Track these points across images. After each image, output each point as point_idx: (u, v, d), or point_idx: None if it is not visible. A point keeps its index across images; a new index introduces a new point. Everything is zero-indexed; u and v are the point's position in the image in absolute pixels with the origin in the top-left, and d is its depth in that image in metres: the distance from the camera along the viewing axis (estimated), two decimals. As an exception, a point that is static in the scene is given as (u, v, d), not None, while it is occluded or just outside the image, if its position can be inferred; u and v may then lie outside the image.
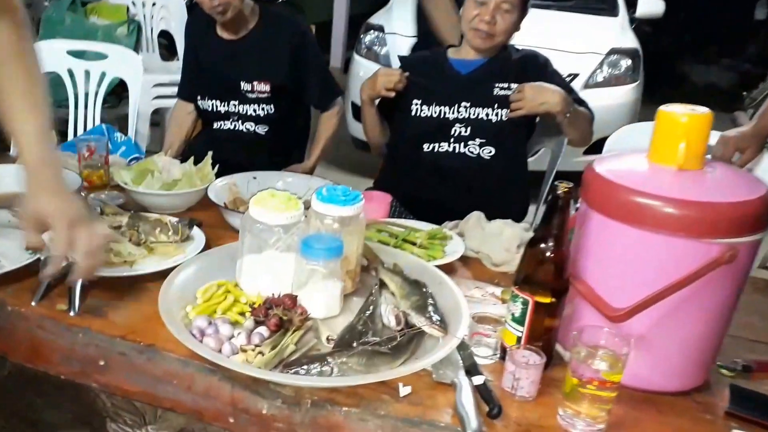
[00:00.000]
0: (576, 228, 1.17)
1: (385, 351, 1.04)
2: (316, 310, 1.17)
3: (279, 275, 1.21)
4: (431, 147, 1.89)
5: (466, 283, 1.41)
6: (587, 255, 1.13)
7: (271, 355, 1.03)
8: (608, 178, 1.09)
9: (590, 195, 1.13)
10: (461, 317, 1.14)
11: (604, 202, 1.09)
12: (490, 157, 1.86)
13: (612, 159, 1.19)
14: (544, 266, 1.08)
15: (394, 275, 1.26)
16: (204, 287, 1.20)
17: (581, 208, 1.15)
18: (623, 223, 1.05)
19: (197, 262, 1.28)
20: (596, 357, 1.00)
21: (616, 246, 1.08)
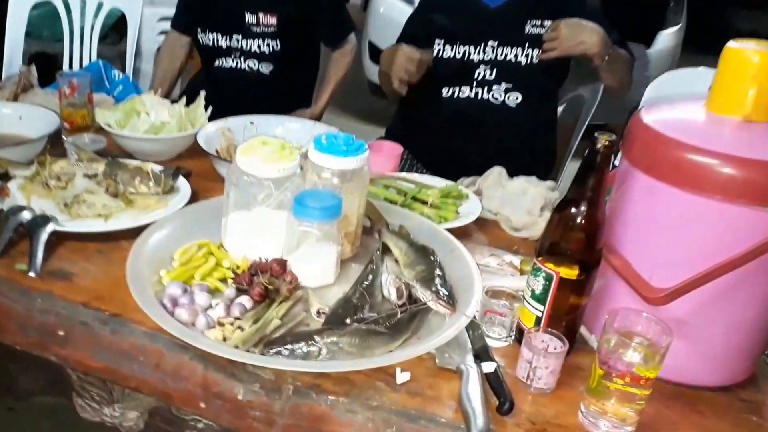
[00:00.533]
0: (613, 189, 1.01)
1: (381, 330, 0.91)
2: (307, 278, 1.04)
3: (268, 236, 1.07)
4: (451, 92, 1.71)
5: (481, 249, 1.27)
6: (625, 223, 0.97)
7: (251, 330, 0.90)
8: (657, 131, 0.91)
9: (634, 150, 0.96)
10: (473, 292, 0.99)
11: (650, 160, 0.92)
12: (515, 104, 1.68)
13: (663, 108, 1.01)
14: (574, 234, 0.92)
15: (400, 240, 1.12)
16: (183, 248, 1.07)
17: (622, 165, 0.99)
18: (673, 186, 0.89)
19: (178, 217, 1.14)
20: (629, 347, 0.85)
21: (662, 213, 0.92)
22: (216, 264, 1.05)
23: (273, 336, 0.91)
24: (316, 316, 0.97)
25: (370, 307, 0.98)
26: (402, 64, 1.56)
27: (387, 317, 0.94)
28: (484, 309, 0.99)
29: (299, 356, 0.87)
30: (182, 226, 1.12)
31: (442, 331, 0.93)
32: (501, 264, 1.22)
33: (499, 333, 0.99)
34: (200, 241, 1.10)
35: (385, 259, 1.10)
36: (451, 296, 0.97)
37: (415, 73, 1.58)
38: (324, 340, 0.88)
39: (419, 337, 0.95)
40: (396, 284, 1.00)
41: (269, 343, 0.88)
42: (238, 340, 0.88)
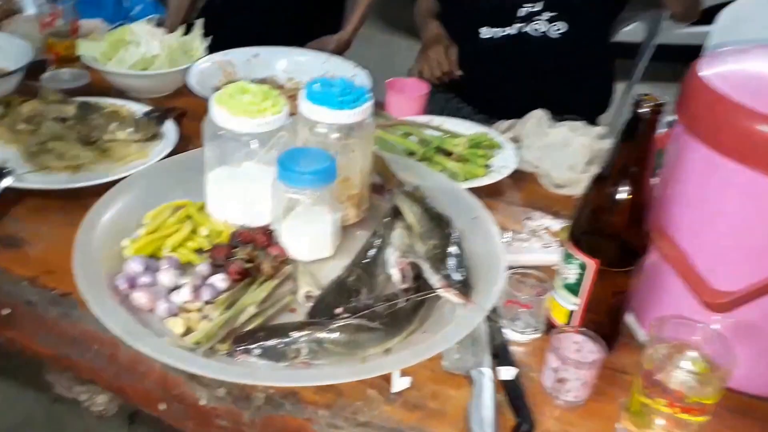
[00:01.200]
0: (666, 156, 0.80)
1: (376, 327, 0.74)
2: (299, 252, 0.88)
3: (253, 201, 0.91)
4: (491, 34, 1.47)
5: (514, 211, 1.07)
6: (681, 203, 0.76)
7: (219, 321, 0.76)
8: (721, 92, 0.70)
9: (691, 113, 0.74)
10: (495, 276, 0.82)
11: (712, 129, 0.71)
12: (560, 35, 1.43)
13: (731, 56, 0.78)
14: (615, 215, 0.73)
15: (414, 204, 0.94)
16: (156, 209, 0.92)
17: (677, 130, 0.77)
18: (741, 164, 0.68)
19: (152, 172, 0.99)
20: (681, 365, 0.68)
21: (728, 196, 0.71)
22: (193, 231, 0.90)
23: (246, 328, 0.76)
24: (305, 300, 0.81)
25: (369, 288, 0.81)
26: (433, 65, 1.50)
27: (386, 304, 0.77)
28: (507, 298, 0.81)
29: (273, 356, 0.72)
30: (157, 183, 0.96)
31: (453, 327, 0.76)
32: (537, 230, 1.03)
33: (524, 324, 0.82)
34: (178, 201, 0.95)
35: (396, 227, 0.93)
36: (465, 282, 0.80)
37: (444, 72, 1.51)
38: (304, 336, 0.73)
39: (425, 330, 0.78)
40: (400, 264, 0.83)
41: (238, 338, 0.73)
42: (200, 335, 0.74)
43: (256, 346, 0.72)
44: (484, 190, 1.08)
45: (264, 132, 0.87)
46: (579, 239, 0.75)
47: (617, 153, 0.73)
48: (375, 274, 0.84)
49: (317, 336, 0.73)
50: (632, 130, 0.71)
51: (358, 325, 0.74)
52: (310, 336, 0.73)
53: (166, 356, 0.68)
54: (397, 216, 0.95)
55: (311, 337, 0.73)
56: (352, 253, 0.89)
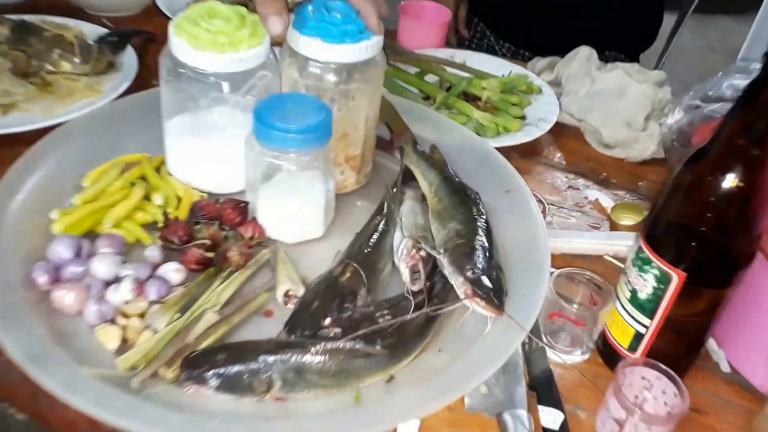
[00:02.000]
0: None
1: (377, 351, 0.54)
2: (278, 231, 0.66)
3: (222, 161, 0.69)
4: None
5: (554, 176, 0.85)
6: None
7: (166, 334, 0.55)
8: None
9: None
10: (536, 279, 0.60)
11: None
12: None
13: None
14: (718, 211, 0.50)
15: (431, 169, 0.71)
16: (100, 167, 0.70)
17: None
18: None
19: (100, 116, 0.76)
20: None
21: None
22: (146, 198, 0.68)
23: (202, 344, 0.55)
24: (283, 302, 0.60)
25: (368, 289, 0.60)
26: None
27: (391, 322, 0.56)
28: (549, 311, 0.60)
29: (236, 388, 0.52)
30: (107, 131, 0.74)
31: (484, 353, 0.55)
32: (581, 204, 0.80)
33: (571, 343, 0.61)
34: (133, 155, 0.73)
35: (406, 199, 0.71)
36: (498, 289, 0.58)
37: None
38: (278, 362, 0.52)
39: (441, 349, 0.58)
40: (411, 259, 0.61)
41: (190, 362, 0.53)
42: (138, 356, 0.53)
43: (212, 375, 0.52)
44: (516, 149, 0.85)
45: (238, 72, 0.63)
46: (659, 240, 0.53)
47: (731, 123, 0.49)
48: (377, 268, 0.62)
49: (296, 361, 0.52)
50: (757, 93, 0.47)
51: (350, 350, 0.53)
52: (287, 361, 0.52)
53: (77, 396, 0.48)
54: (408, 183, 0.73)
55: (288, 364, 0.52)
56: (348, 233, 0.67)
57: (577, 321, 0.58)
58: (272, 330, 0.57)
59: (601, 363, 0.60)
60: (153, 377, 0.53)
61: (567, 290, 0.61)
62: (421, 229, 0.66)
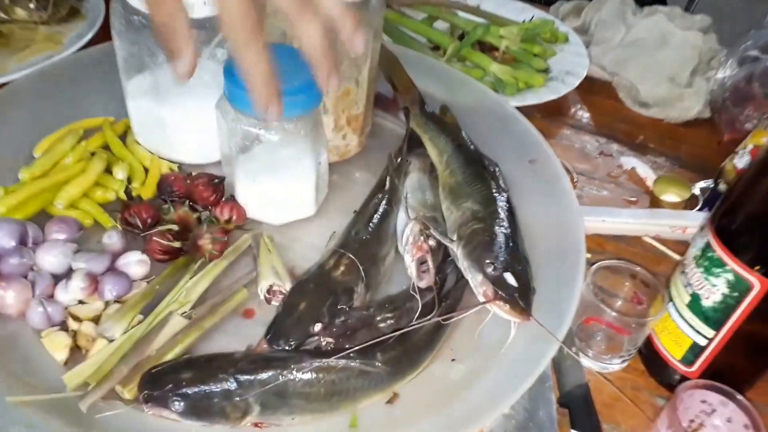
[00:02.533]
0: None
1: (377, 368, 0.43)
2: (261, 211, 0.55)
3: (190, 129, 0.57)
4: None
5: (582, 140, 0.72)
6: None
7: (121, 344, 0.45)
8: None
9: None
10: (570, 275, 0.49)
11: None
12: None
13: None
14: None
15: (441, 135, 0.59)
16: (54, 134, 0.59)
17: None
18: None
19: (56, 72, 0.64)
20: None
21: None
22: (107, 171, 0.57)
23: (166, 356, 0.45)
24: (267, 299, 0.50)
25: (367, 285, 0.49)
26: None
27: (395, 334, 0.46)
28: (584, 313, 0.49)
29: (204, 413, 0.42)
30: (65, 90, 0.62)
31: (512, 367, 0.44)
32: (615, 174, 0.69)
33: (605, 345, 0.50)
34: (90, 119, 0.61)
35: (412, 170, 0.59)
36: (524, 286, 0.47)
37: None
38: (257, 384, 0.42)
39: (455, 359, 0.47)
40: (418, 249, 0.49)
41: (150, 380, 0.43)
42: (90, 371, 0.43)
43: (177, 397, 0.42)
44: (540, 108, 0.73)
45: (204, 18, 0.51)
46: (736, 237, 0.41)
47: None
48: (377, 258, 0.51)
49: (278, 381, 0.42)
50: None
51: (343, 368, 0.43)
52: (267, 381, 0.42)
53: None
54: (414, 151, 0.61)
55: (268, 385, 0.42)
56: (346, 211, 0.56)
57: (621, 328, 0.47)
58: (253, 334, 0.47)
59: (641, 371, 0.50)
60: (107, 398, 0.43)
61: (606, 285, 0.50)
62: (431, 208, 0.55)
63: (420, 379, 0.45)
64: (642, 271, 0.49)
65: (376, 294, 0.50)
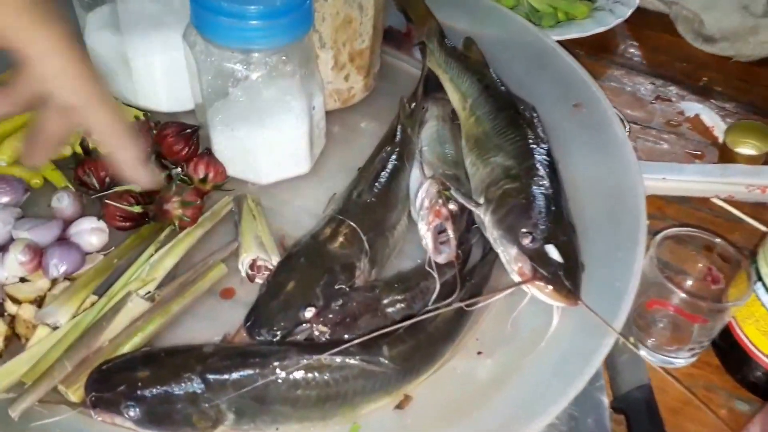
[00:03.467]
0: None
1: (383, 365, 0.35)
2: (245, 169, 0.46)
3: (160, 68, 0.48)
4: None
5: (635, 82, 0.62)
6: None
7: (67, 332, 0.37)
8: None
9: None
10: (632, 246, 0.40)
11: None
12: None
13: None
14: None
15: (463, 75, 0.49)
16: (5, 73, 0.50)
17: None
18: None
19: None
20: None
21: None
22: (60, 122, 0.48)
23: (120, 350, 0.37)
24: (250, 276, 0.41)
25: (372, 261, 0.40)
26: None
27: (409, 322, 0.37)
28: (646, 296, 0.40)
29: (165, 422, 0.34)
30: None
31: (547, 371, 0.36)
32: (675, 123, 0.58)
33: (669, 335, 0.41)
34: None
35: (429, 119, 0.50)
36: (571, 262, 0.38)
37: None
38: (230, 385, 0.34)
39: (482, 352, 0.39)
40: (436, 215, 0.40)
41: (99, 380, 0.35)
42: (25, 368, 0.35)
43: (131, 401, 0.34)
44: (583, 44, 0.62)
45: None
46: None
47: None
48: (384, 227, 0.42)
49: (258, 383, 0.34)
50: None
51: (340, 365, 0.34)
52: (243, 383, 0.34)
53: None
54: (432, 95, 0.51)
55: (245, 387, 0.34)
56: (347, 169, 0.47)
57: (690, 315, 0.38)
58: (233, 319, 0.39)
59: (716, 366, 0.41)
60: (46, 402, 0.35)
61: (673, 259, 0.41)
62: (452, 164, 0.46)
63: (437, 379, 0.37)
64: (721, 242, 0.39)
65: (383, 271, 0.41)
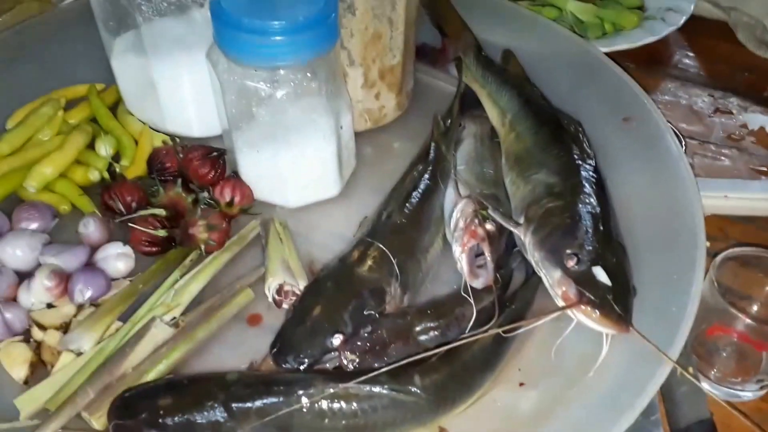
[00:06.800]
0: None
1: (415, 396, 0.34)
2: (273, 192, 0.47)
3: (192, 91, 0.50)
4: None
5: (691, 94, 0.61)
6: None
7: (91, 359, 0.38)
8: None
9: None
10: (690, 269, 0.38)
11: None
12: None
13: None
14: None
15: (503, 90, 0.49)
16: (29, 104, 0.52)
17: None
18: None
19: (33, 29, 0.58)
20: None
21: None
22: (90, 147, 0.50)
23: (145, 377, 0.38)
24: (277, 302, 0.42)
25: (403, 285, 0.40)
26: None
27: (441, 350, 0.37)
28: (707, 322, 0.38)
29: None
30: (42, 52, 0.56)
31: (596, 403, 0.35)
32: (737, 137, 0.57)
33: (734, 365, 0.39)
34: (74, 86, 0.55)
35: (465, 137, 0.50)
36: (621, 286, 0.36)
37: None
38: (253, 415, 0.34)
39: (525, 383, 0.38)
40: (472, 236, 0.39)
41: (121, 409, 0.35)
42: (47, 396, 0.36)
43: (152, 428, 0.34)
44: (633, 56, 0.61)
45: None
46: None
47: None
48: (417, 249, 0.42)
49: (283, 412, 0.34)
50: None
51: (368, 395, 0.34)
52: (268, 411, 0.34)
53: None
54: (469, 112, 0.52)
55: (270, 417, 0.34)
56: (378, 191, 0.47)
57: (758, 342, 0.36)
58: (260, 346, 0.39)
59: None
60: (69, 429, 0.36)
61: (736, 283, 0.39)
62: (490, 183, 0.45)
63: (475, 411, 0.36)
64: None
65: (415, 296, 0.41)
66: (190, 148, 0.47)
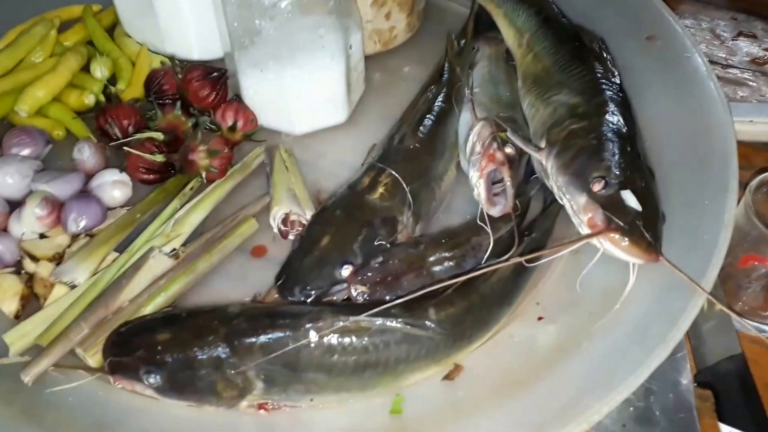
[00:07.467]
0: None
1: (429, 329, 0.30)
2: (277, 117, 0.41)
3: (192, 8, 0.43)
4: None
5: (712, 17, 0.54)
6: None
7: (81, 293, 0.33)
8: None
9: None
10: (721, 194, 0.33)
11: None
12: None
13: None
14: None
15: (519, 7, 0.43)
16: (21, 25, 0.46)
17: None
18: None
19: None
20: None
21: None
22: (85, 69, 0.45)
23: (142, 311, 0.34)
24: (282, 232, 0.37)
25: (416, 215, 0.35)
26: None
27: (456, 281, 0.32)
28: (740, 250, 0.33)
29: (188, 390, 0.30)
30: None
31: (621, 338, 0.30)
32: (762, 60, 0.50)
33: (763, 300, 0.35)
34: (71, 6, 0.49)
35: (480, 60, 0.44)
36: (650, 211, 0.32)
37: None
38: (258, 351, 0.30)
39: (544, 317, 0.33)
40: (490, 161, 0.34)
41: (117, 344, 0.31)
42: (37, 331, 0.32)
43: (149, 366, 0.30)
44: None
45: None
46: None
47: None
48: (430, 176, 0.37)
49: (289, 348, 0.30)
50: None
51: (380, 329, 0.30)
52: (273, 347, 0.30)
53: None
54: (483, 32, 0.45)
55: (275, 353, 0.30)
56: (388, 117, 0.42)
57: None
58: (265, 278, 0.35)
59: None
60: (62, 367, 0.32)
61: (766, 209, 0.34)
62: (507, 106, 0.40)
63: (492, 347, 0.32)
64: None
65: (429, 226, 0.36)
66: (188, 68, 0.41)
